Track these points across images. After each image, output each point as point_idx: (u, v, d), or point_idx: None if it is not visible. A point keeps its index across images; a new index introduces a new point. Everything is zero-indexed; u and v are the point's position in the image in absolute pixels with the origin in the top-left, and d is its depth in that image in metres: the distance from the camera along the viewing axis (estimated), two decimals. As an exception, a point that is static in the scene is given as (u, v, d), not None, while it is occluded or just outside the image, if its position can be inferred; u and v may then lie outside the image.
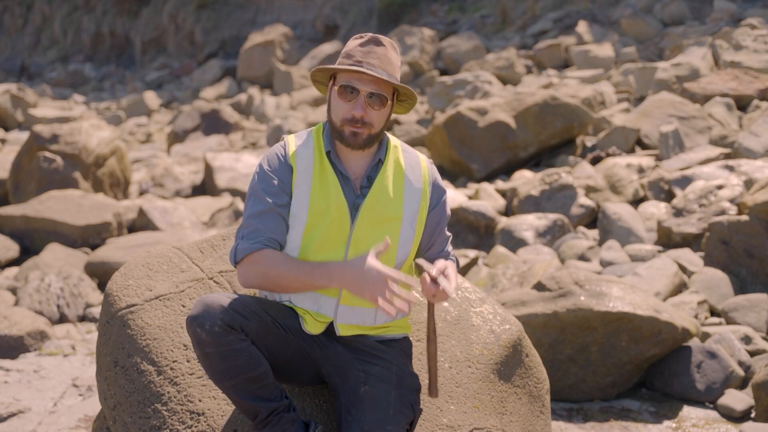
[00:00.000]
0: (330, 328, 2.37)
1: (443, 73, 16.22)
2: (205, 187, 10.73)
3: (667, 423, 4.00)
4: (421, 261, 2.31)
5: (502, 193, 7.96)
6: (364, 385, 2.28)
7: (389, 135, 2.48)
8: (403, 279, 2.11)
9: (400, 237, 2.38)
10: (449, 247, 2.55)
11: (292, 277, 2.22)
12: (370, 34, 2.39)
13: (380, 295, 2.09)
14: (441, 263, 2.29)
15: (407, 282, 2.13)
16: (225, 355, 2.12)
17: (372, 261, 2.15)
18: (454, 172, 9.28)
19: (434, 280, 2.22)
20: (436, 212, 2.47)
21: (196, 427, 2.37)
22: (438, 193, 2.49)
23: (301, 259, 2.31)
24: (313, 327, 2.33)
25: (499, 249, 6.33)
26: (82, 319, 5.88)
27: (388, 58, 2.34)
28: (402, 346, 2.46)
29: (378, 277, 2.11)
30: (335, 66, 2.34)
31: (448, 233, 2.56)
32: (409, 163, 2.45)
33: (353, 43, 2.37)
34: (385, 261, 2.34)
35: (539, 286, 4.39)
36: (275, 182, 2.32)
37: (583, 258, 6.11)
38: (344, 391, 2.29)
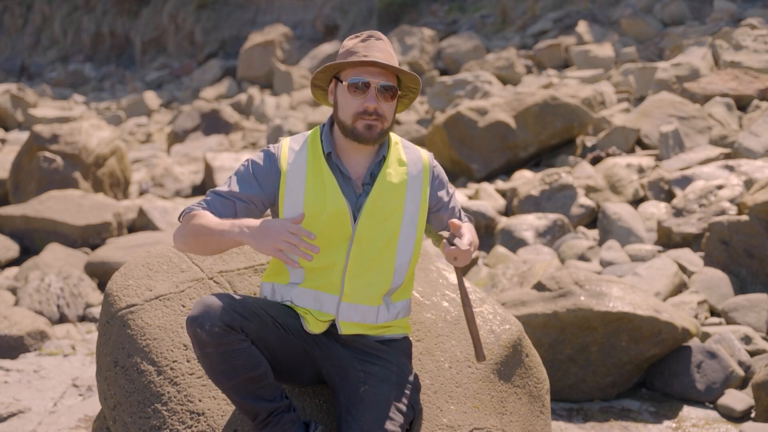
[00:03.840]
0: (330, 328, 2.37)
1: (443, 73, 16.22)
2: (205, 187, 10.73)
3: (667, 423, 4.00)
4: (442, 232, 2.37)
5: (502, 193, 7.96)
6: (363, 385, 2.27)
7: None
8: (304, 232, 2.07)
9: (401, 234, 2.38)
10: (462, 215, 2.60)
11: (212, 230, 2.18)
12: (367, 32, 2.40)
13: (279, 242, 2.05)
14: (455, 223, 2.28)
15: (306, 234, 2.07)
16: (225, 355, 2.12)
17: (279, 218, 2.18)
18: (454, 172, 9.28)
19: (450, 242, 2.26)
20: (443, 209, 2.51)
21: (196, 427, 2.37)
22: (439, 191, 2.50)
23: (302, 260, 2.32)
24: (314, 326, 2.33)
25: (499, 249, 6.33)
26: (82, 319, 5.88)
27: (389, 51, 2.36)
28: (402, 345, 2.46)
29: (279, 227, 2.08)
30: (345, 61, 2.32)
31: (463, 213, 2.62)
32: (411, 158, 2.46)
33: (351, 41, 2.37)
34: (385, 260, 2.36)
35: (539, 286, 4.39)
36: (251, 178, 2.35)
37: (583, 258, 6.11)
38: (344, 391, 2.29)
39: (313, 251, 2.07)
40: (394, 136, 2.49)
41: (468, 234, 2.33)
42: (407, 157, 2.45)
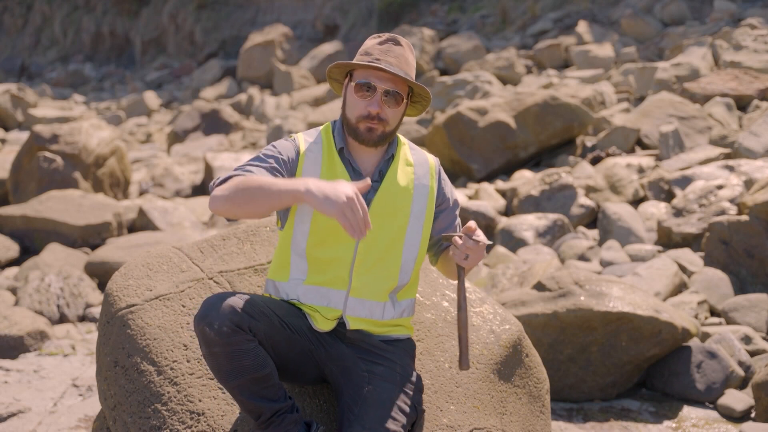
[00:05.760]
0: (337, 327, 2.38)
1: (443, 73, 16.22)
2: (205, 187, 10.73)
3: (667, 423, 4.00)
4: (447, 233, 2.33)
5: (502, 193, 7.96)
6: (367, 385, 2.28)
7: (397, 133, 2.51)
8: (365, 207, 2.03)
9: (408, 232, 2.41)
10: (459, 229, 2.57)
11: (269, 185, 2.11)
12: (389, 34, 2.43)
13: (347, 209, 1.99)
14: (471, 226, 2.22)
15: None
16: (232, 355, 2.12)
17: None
18: (454, 172, 9.28)
19: (469, 237, 2.19)
20: (445, 213, 2.51)
21: (196, 427, 2.37)
22: (445, 191, 2.52)
23: (309, 251, 2.35)
24: (323, 324, 2.34)
25: (499, 249, 6.33)
26: (82, 319, 5.88)
27: (405, 57, 2.38)
28: (406, 346, 2.48)
29: (351, 192, 2.02)
30: (354, 62, 2.36)
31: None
32: (418, 160, 2.50)
33: (371, 41, 2.41)
34: (392, 256, 2.39)
35: (539, 286, 4.39)
36: (280, 155, 2.33)
37: (583, 258, 6.11)
38: (347, 391, 2.30)
39: (368, 227, 2.02)
40: (401, 137, 2.52)
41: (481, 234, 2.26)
42: (414, 159, 2.49)
